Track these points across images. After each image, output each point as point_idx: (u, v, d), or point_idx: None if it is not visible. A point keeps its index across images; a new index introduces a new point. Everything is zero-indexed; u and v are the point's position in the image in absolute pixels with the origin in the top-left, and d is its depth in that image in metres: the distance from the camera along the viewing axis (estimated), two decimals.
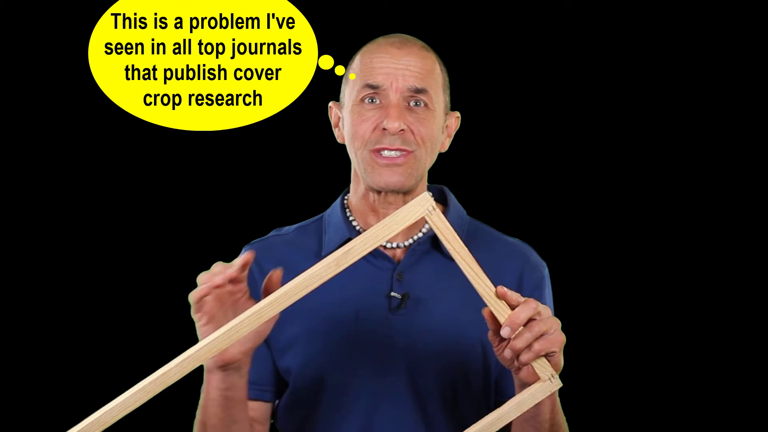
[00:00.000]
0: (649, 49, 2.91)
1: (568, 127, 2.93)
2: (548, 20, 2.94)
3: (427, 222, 1.33)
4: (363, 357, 1.51)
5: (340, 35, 2.87)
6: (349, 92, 1.55)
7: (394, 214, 1.27)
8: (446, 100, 1.59)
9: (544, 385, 1.32)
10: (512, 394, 1.37)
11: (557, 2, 2.94)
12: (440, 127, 1.57)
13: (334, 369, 1.52)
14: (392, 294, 1.52)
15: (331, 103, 1.63)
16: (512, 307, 1.28)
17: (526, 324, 1.27)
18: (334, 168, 1.86)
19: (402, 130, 1.50)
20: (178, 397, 1.58)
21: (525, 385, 1.34)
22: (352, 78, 1.57)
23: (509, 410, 1.33)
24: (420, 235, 1.57)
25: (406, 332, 1.51)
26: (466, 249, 1.28)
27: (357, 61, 1.57)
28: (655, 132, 2.91)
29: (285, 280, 1.52)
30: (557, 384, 1.32)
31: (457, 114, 1.63)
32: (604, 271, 2.90)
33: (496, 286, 1.28)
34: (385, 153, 1.50)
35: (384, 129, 1.49)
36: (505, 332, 1.27)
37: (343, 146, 1.61)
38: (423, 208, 1.28)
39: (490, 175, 2.88)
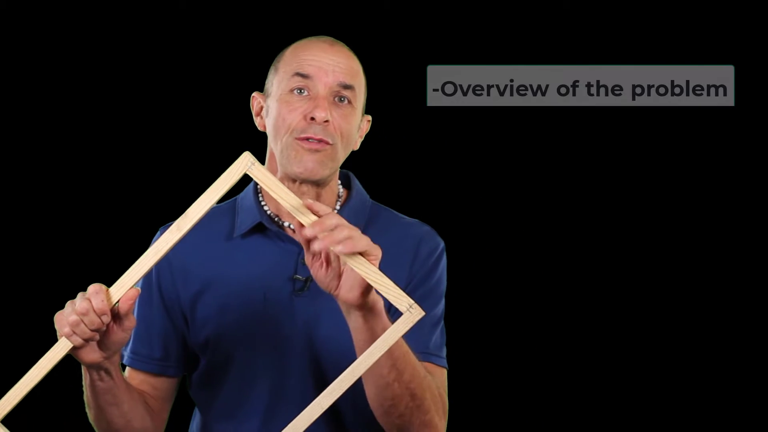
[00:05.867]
0: (649, 49, 2.93)
1: (564, 135, 2.99)
2: (548, 20, 2.97)
3: (252, 177, 1.44)
4: (268, 335, 1.60)
5: (340, 35, 2.96)
6: (278, 82, 1.62)
7: (222, 176, 1.40)
8: (364, 103, 1.67)
9: (404, 316, 1.38)
10: None
11: (557, 2, 2.97)
12: (357, 126, 1.65)
13: (242, 345, 1.61)
14: (296, 276, 1.61)
15: (254, 93, 1.70)
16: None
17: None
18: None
19: (327, 121, 1.57)
20: None
21: (350, 306, 1.42)
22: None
23: (375, 347, 1.39)
24: None
25: (307, 313, 1.60)
26: (291, 194, 1.41)
27: (287, 54, 1.65)
28: (648, 132, 2.96)
29: (196, 261, 1.65)
30: (418, 313, 1.38)
31: (369, 117, 1.71)
32: (502, 257, 3.00)
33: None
34: (310, 140, 1.58)
35: (312, 119, 1.57)
36: (308, 231, 1.37)
37: (259, 136, 1.69)
38: (243, 165, 1.41)
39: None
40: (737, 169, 2.95)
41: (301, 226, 1.40)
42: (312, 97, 1.59)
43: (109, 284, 1.44)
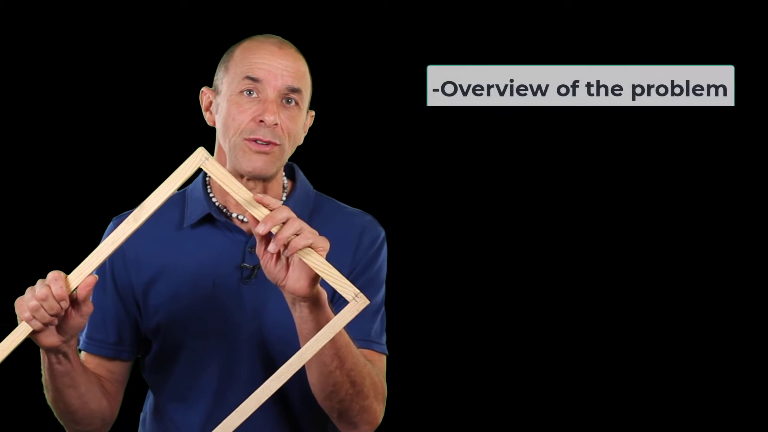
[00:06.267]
0: (649, 49, 2.94)
1: (558, 140, 3.01)
2: (548, 20, 2.99)
3: (205, 171, 1.49)
4: (217, 322, 1.66)
5: (340, 35, 3.01)
6: (228, 82, 1.68)
7: (177, 170, 1.46)
8: (309, 100, 1.73)
9: (350, 304, 1.44)
10: None
11: (557, 2, 2.99)
12: (303, 124, 1.71)
13: (193, 331, 1.67)
14: (244, 265, 1.67)
15: (204, 88, 1.75)
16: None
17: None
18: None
19: (276, 124, 1.63)
20: None
21: (296, 298, 1.47)
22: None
23: (322, 333, 1.45)
24: None
25: (255, 301, 1.66)
26: (243, 188, 1.47)
27: (237, 54, 1.70)
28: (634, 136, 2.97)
29: (148, 250, 1.71)
30: (363, 302, 1.44)
31: (313, 113, 1.76)
32: (504, 257, 3.04)
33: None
34: (258, 142, 1.64)
35: (261, 121, 1.63)
36: (260, 229, 1.43)
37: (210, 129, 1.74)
38: (198, 159, 1.48)
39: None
40: (737, 169, 2.94)
41: (255, 219, 1.45)
42: (261, 100, 1.64)
43: (67, 272, 1.50)
